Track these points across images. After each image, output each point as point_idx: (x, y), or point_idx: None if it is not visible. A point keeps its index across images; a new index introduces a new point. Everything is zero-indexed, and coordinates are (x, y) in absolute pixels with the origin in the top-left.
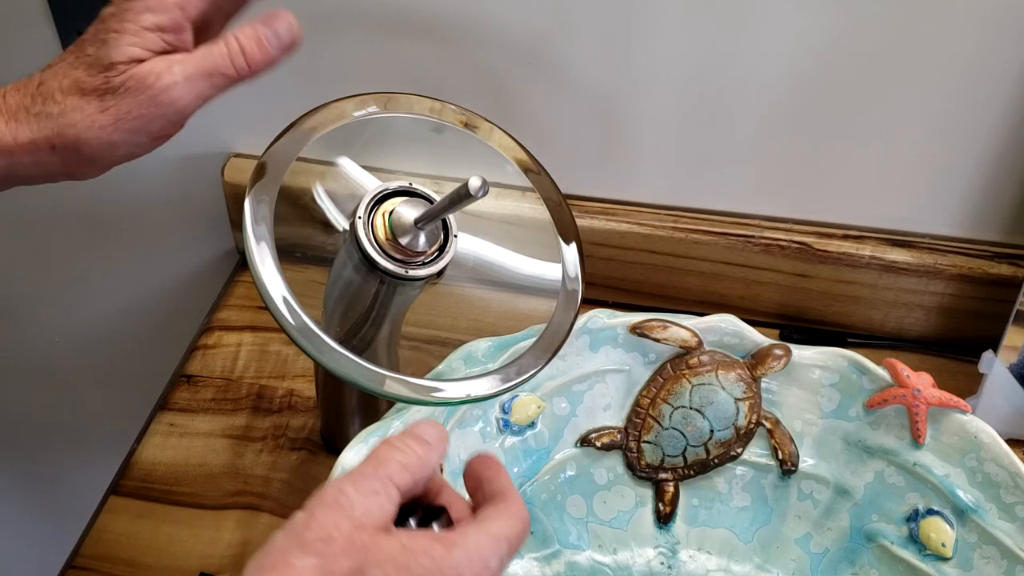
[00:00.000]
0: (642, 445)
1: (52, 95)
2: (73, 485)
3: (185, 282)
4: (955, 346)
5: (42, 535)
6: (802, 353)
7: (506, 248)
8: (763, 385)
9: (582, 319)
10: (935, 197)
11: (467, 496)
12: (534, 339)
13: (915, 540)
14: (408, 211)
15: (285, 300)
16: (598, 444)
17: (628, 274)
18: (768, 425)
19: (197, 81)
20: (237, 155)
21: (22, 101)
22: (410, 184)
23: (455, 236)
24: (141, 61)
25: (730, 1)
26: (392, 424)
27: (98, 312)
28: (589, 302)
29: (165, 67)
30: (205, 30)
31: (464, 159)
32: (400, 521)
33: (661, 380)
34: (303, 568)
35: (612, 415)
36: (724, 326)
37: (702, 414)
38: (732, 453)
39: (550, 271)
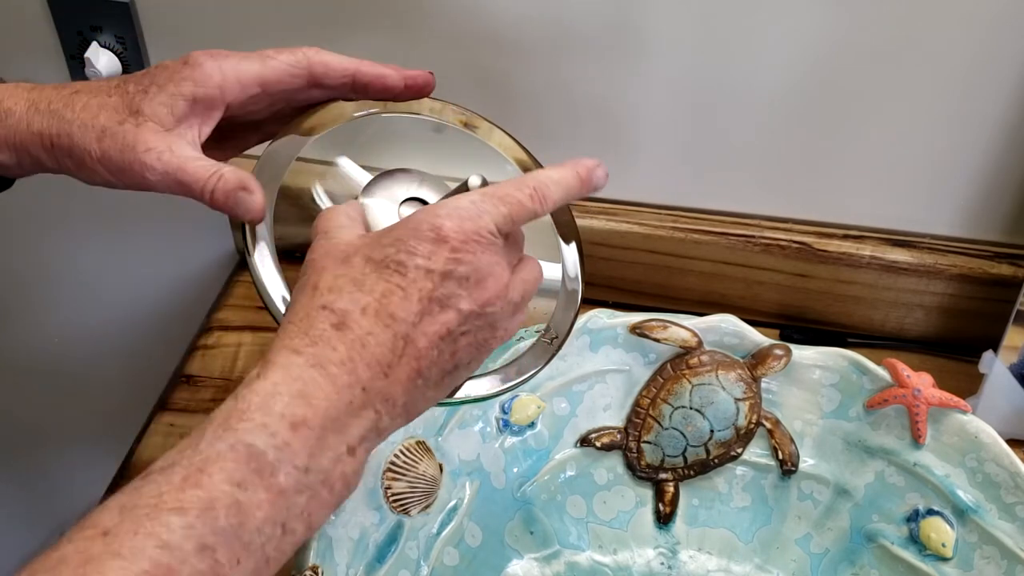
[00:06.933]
0: (642, 445)
1: (74, 104)
2: (73, 485)
3: (185, 282)
4: (955, 346)
5: (42, 535)
6: (802, 353)
7: None
8: (763, 385)
9: (582, 319)
10: (935, 197)
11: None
12: (534, 339)
13: (915, 540)
14: (407, 211)
15: (285, 300)
16: (598, 444)
17: (628, 274)
18: (768, 425)
19: (168, 180)
20: None
21: (53, 100)
22: None
23: None
24: (162, 123)
25: (730, 1)
26: None
27: (97, 312)
28: (589, 302)
29: (162, 149)
30: (253, 128)
31: (464, 159)
32: None
33: (661, 380)
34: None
35: (612, 415)
36: (724, 326)
37: (702, 414)
38: (732, 453)
39: (550, 271)
